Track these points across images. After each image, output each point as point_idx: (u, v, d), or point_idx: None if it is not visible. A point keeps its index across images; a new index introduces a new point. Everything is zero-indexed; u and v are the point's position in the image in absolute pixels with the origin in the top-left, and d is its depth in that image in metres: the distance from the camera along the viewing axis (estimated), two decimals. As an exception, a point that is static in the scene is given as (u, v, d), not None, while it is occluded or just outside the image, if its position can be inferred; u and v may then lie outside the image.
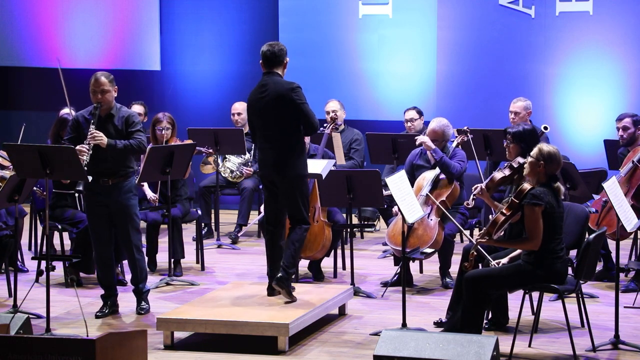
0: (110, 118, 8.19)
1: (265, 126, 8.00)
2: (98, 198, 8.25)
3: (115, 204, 8.24)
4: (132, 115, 8.24)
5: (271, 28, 13.61)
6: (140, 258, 8.45)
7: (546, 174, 7.20)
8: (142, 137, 8.21)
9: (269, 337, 7.49)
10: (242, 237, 11.67)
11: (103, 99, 8.13)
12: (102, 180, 8.19)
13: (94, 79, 8.16)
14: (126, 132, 8.17)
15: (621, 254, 7.71)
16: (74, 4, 14.02)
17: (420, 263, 9.95)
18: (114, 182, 8.21)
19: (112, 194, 8.22)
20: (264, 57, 8.04)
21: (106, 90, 8.14)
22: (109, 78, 8.19)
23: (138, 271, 8.44)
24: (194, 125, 11.96)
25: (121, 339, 6.21)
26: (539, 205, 7.06)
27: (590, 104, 12.57)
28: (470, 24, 12.86)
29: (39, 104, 13.99)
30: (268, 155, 8.00)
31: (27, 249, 10.83)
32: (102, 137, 8.03)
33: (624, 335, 7.61)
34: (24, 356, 6.00)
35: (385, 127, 12.70)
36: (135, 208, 8.35)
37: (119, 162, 8.20)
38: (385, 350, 6.69)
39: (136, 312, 8.46)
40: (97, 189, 8.23)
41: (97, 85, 8.14)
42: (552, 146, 7.33)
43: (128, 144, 8.11)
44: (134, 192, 8.35)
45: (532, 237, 7.12)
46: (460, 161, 9.51)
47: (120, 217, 8.29)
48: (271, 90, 7.96)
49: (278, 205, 8.10)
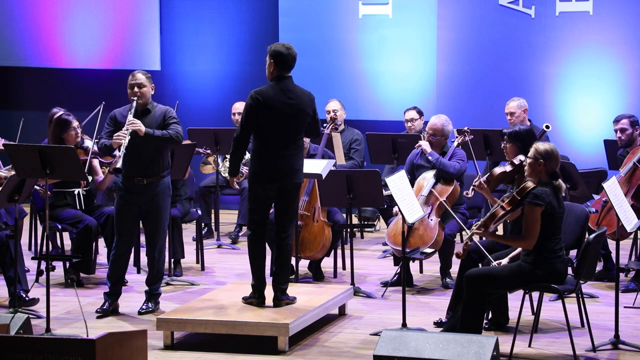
0: (147, 113, 8.28)
1: (289, 133, 7.81)
2: (130, 197, 8.27)
3: (147, 204, 8.26)
4: (169, 110, 8.34)
5: (271, 28, 13.61)
6: (161, 260, 8.45)
7: (547, 172, 7.21)
8: (179, 128, 8.25)
9: (269, 337, 7.49)
10: (242, 237, 11.66)
11: (140, 92, 8.23)
12: (137, 179, 8.22)
13: (131, 75, 8.33)
14: (164, 125, 8.23)
15: (621, 254, 7.71)
16: (74, 4, 14.02)
17: (420, 263, 9.96)
18: (149, 182, 8.22)
19: (145, 194, 8.24)
20: (284, 59, 7.79)
21: (143, 85, 8.26)
22: (146, 75, 8.36)
23: (155, 272, 8.44)
24: (194, 125, 11.96)
25: (121, 339, 6.21)
26: (539, 206, 7.07)
27: (590, 104, 12.57)
28: (470, 24, 12.86)
29: (39, 104, 13.99)
30: (288, 163, 7.82)
31: (27, 249, 10.84)
32: (140, 125, 8.07)
33: (624, 335, 7.61)
34: (24, 356, 6.00)
35: (385, 127, 12.70)
36: (167, 210, 8.38)
37: (155, 160, 8.22)
38: (385, 350, 6.69)
39: (139, 309, 8.44)
40: (131, 188, 8.25)
41: (133, 80, 8.28)
42: (547, 143, 7.36)
43: (166, 133, 8.16)
44: (168, 193, 8.37)
45: (527, 236, 7.13)
46: (460, 160, 9.51)
47: (151, 218, 8.33)
48: (299, 100, 7.82)
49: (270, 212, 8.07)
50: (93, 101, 13.37)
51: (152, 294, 8.48)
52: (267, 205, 7.96)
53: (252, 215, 7.97)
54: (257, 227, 7.95)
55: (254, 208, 7.93)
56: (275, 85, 7.82)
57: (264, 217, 7.96)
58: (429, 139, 9.67)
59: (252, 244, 7.96)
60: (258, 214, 7.93)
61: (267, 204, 7.95)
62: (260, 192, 7.87)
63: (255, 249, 7.96)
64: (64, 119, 9.34)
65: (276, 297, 7.90)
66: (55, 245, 10.03)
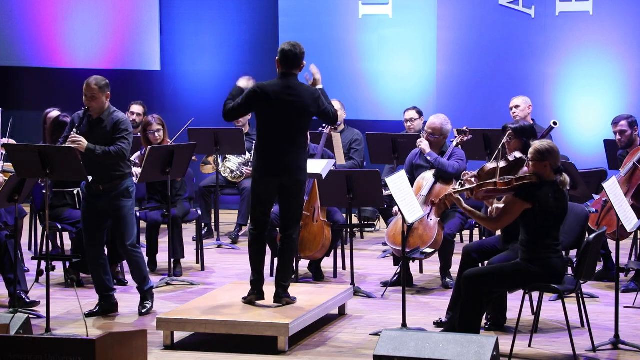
0: (99, 122, 8.16)
1: (289, 130, 7.82)
2: (90, 201, 8.27)
3: (107, 208, 8.24)
4: (120, 122, 8.15)
5: (271, 28, 13.61)
6: (137, 259, 8.38)
7: (552, 169, 7.25)
8: (124, 145, 8.08)
9: (269, 337, 7.49)
10: (242, 237, 11.66)
11: (90, 104, 8.13)
12: (94, 185, 8.20)
13: (85, 83, 8.15)
14: (111, 138, 8.12)
15: (621, 254, 7.71)
16: (74, 4, 14.02)
17: (420, 263, 9.96)
18: (105, 188, 8.20)
19: (103, 198, 8.21)
20: (286, 56, 7.83)
21: (95, 97, 8.11)
22: (100, 84, 8.15)
23: (138, 272, 8.43)
24: (194, 125, 11.95)
25: (121, 339, 6.21)
26: (526, 202, 7.09)
27: (590, 104, 12.57)
28: (470, 24, 12.86)
29: (39, 104, 13.98)
30: (289, 160, 7.83)
31: (27, 249, 10.84)
32: (81, 141, 7.97)
33: (624, 335, 7.61)
34: (24, 356, 6.00)
35: (385, 127, 12.70)
36: (127, 210, 8.25)
37: (105, 167, 8.15)
38: (385, 350, 6.69)
39: (139, 311, 8.44)
40: (91, 192, 8.25)
41: (86, 89, 8.14)
42: (545, 142, 7.40)
43: (107, 150, 8.04)
44: (127, 195, 8.25)
45: (497, 220, 7.30)
46: (459, 160, 9.52)
47: (114, 222, 8.31)
48: (300, 97, 7.81)
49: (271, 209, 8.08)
50: (93, 101, 13.42)
51: (144, 291, 8.49)
52: (268, 202, 7.98)
53: (253, 211, 8.03)
54: (257, 224, 7.98)
55: (255, 204, 7.98)
56: (278, 81, 7.87)
57: (264, 214, 7.98)
58: (428, 138, 9.67)
59: (252, 240, 7.99)
60: (259, 211, 7.96)
61: (268, 201, 7.98)
62: (262, 188, 7.90)
63: (255, 245, 8.00)
64: (61, 122, 9.31)
65: (277, 294, 7.91)
66: (55, 245, 10.03)
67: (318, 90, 7.94)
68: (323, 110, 7.96)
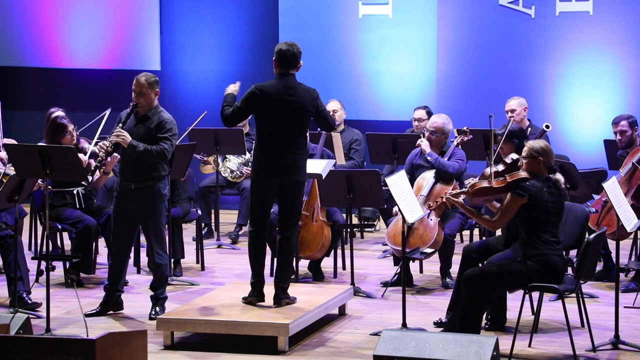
0: (145, 119, 8.16)
1: (288, 130, 7.82)
2: (121, 199, 8.25)
3: (137, 208, 8.22)
4: (165, 121, 8.14)
5: (271, 28, 13.62)
6: (163, 266, 8.35)
7: (546, 167, 7.30)
8: (166, 145, 8.06)
9: (269, 337, 7.49)
10: (242, 237, 11.66)
11: (138, 100, 8.12)
12: (126, 183, 8.19)
13: (135, 79, 8.15)
14: (154, 137, 8.12)
15: (621, 254, 7.72)
16: (74, 4, 14.02)
17: (420, 263, 9.96)
18: (137, 187, 8.18)
19: (136, 198, 8.19)
20: (283, 56, 7.82)
21: (143, 93, 8.11)
22: (150, 80, 8.15)
23: (158, 277, 8.38)
24: (191, 124, 11.94)
25: (121, 339, 6.20)
26: (522, 197, 7.16)
27: (590, 104, 12.57)
28: (470, 24, 12.86)
29: (39, 104, 13.98)
30: (289, 160, 7.82)
31: (27, 249, 10.84)
32: (125, 136, 8.01)
33: (624, 335, 7.61)
34: (24, 356, 6.00)
35: (385, 127, 12.70)
36: (159, 214, 8.25)
37: (142, 166, 8.14)
38: (385, 350, 6.69)
39: (149, 315, 8.37)
40: (122, 191, 8.23)
41: (135, 85, 8.13)
42: (538, 140, 7.50)
43: (149, 148, 8.03)
44: (159, 199, 8.23)
45: (497, 219, 7.33)
46: (459, 160, 9.53)
47: (143, 223, 8.30)
48: (299, 96, 7.81)
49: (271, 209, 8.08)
50: (93, 101, 13.43)
51: (157, 298, 8.45)
52: (268, 202, 7.98)
53: (252, 212, 8.02)
54: (257, 225, 7.97)
55: (254, 205, 7.97)
56: (276, 82, 7.86)
57: (264, 215, 7.98)
58: (429, 137, 9.67)
59: (252, 241, 7.99)
60: (258, 211, 7.95)
61: (268, 201, 7.97)
62: (261, 188, 7.90)
63: (255, 246, 7.99)
64: (59, 123, 9.30)
65: (277, 295, 7.91)
66: (55, 245, 10.03)
67: (316, 91, 7.94)
68: (321, 112, 7.96)
